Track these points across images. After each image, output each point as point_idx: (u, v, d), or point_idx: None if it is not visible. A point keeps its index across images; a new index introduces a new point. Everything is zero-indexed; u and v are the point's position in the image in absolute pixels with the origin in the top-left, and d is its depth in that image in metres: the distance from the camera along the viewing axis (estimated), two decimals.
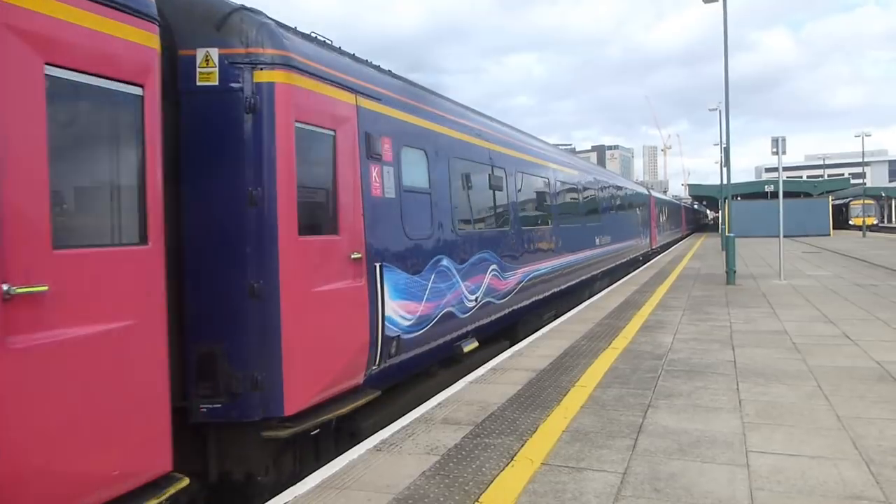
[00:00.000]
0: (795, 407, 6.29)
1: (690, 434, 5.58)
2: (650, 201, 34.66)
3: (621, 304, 14.16)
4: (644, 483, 4.58)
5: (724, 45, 22.08)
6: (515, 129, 13.57)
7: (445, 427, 5.98)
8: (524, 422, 6.05)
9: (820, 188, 56.87)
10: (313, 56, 5.95)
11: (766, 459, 4.96)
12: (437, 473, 4.87)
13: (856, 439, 5.35)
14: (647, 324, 11.45)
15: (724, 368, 7.92)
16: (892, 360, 8.09)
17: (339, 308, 6.01)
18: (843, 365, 7.95)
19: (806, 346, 9.09)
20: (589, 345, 9.63)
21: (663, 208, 43.30)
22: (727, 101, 22.65)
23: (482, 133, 10.45)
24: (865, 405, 6.29)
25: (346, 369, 6.14)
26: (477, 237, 9.65)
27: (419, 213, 7.77)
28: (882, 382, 7.09)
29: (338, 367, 6.00)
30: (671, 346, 9.41)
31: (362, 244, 6.36)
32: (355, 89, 6.49)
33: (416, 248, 7.57)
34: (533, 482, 4.66)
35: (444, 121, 8.95)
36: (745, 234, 43.14)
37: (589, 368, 8.08)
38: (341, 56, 6.72)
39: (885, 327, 10.44)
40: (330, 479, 4.85)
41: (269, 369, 5.29)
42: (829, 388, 6.93)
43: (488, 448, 5.38)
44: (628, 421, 5.98)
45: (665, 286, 17.75)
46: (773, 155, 18.41)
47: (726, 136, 24.65)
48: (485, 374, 8.04)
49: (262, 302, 5.27)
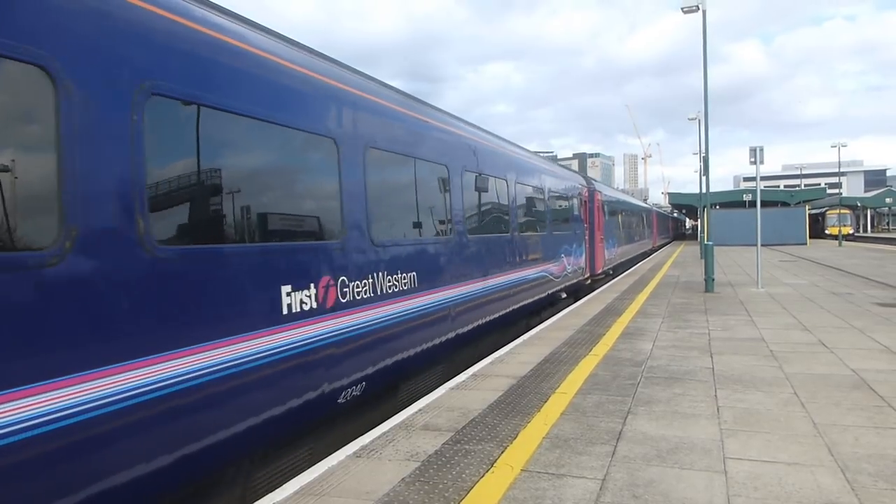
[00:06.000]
0: (772, 414, 6.35)
1: (669, 440, 5.61)
2: (590, 199, 21.74)
3: (602, 311, 14.23)
4: (623, 489, 4.59)
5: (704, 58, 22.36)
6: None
7: (426, 433, 5.96)
8: (505, 428, 6.05)
9: (797, 198, 57.69)
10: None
11: (744, 466, 5.00)
12: (417, 480, 4.85)
13: (831, 446, 5.41)
14: (628, 331, 11.52)
15: (702, 375, 7.99)
16: (867, 367, 8.21)
17: None
18: (820, 372, 8.04)
19: (783, 354, 9.19)
20: (569, 351, 9.67)
21: (617, 212, 29.49)
22: (706, 111, 22.90)
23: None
24: (841, 412, 6.37)
25: None
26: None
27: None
28: (857, 390, 7.18)
29: None
30: (651, 353, 9.47)
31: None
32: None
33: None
34: (513, 489, 4.65)
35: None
36: (724, 242, 43.74)
37: (569, 375, 8.10)
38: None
39: (861, 335, 10.59)
40: (309, 485, 4.81)
41: None
42: (806, 395, 7.01)
43: (469, 454, 5.37)
44: (608, 427, 6.00)
45: (645, 293, 17.88)
46: (751, 164, 18.64)
47: (705, 145, 24.93)
48: (466, 380, 8.04)
49: None
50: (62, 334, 3.65)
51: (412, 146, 8.47)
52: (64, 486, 3.64)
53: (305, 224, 6.19)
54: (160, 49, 4.55)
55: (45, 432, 3.50)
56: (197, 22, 4.97)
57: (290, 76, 6.04)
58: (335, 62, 7.23)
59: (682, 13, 22.70)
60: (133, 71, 4.25)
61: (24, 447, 3.40)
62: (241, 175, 5.32)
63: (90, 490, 3.77)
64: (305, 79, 6.29)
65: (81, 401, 3.70)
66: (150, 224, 4.26)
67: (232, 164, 5.23)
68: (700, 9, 22.35)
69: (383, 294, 7.21)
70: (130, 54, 4.26)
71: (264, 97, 5.58)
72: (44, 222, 3.67)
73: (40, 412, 3.48)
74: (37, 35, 3.61)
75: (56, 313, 3.63)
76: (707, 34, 22.35)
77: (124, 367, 3.98)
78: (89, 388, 3.75)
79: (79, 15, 3.91)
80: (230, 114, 5.12)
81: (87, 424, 3.73)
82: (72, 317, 3.71)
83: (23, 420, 3.40)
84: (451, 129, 10.18)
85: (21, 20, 3.55)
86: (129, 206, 4.14)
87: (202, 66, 4.93)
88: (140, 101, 4.26)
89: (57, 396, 3.56)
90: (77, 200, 3.78)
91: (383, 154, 7.58)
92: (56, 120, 3.70)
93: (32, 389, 3.45)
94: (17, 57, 3.50)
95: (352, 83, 7.19)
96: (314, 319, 5.88)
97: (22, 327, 3.46)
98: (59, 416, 3.58)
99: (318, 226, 6.32)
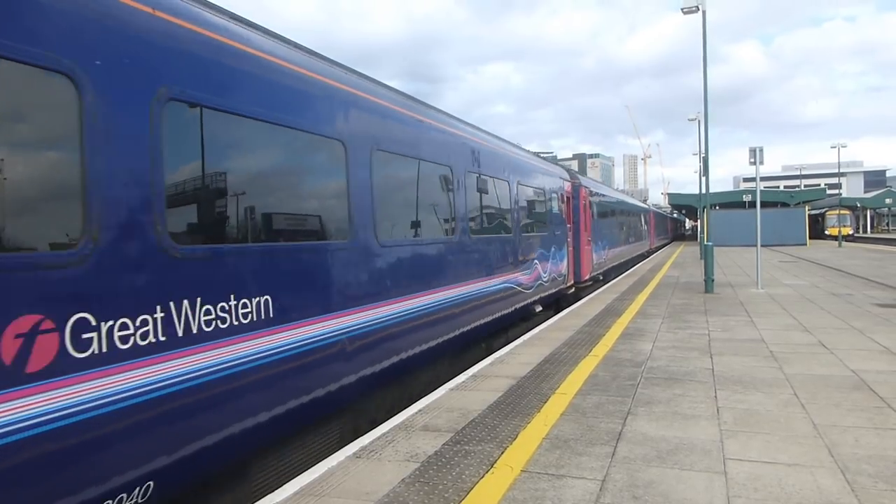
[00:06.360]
0: (772, 415, 6.35)
1: (669, 441, 5.61)
2: (574, 195, 19.30)
3: (601, 312, 14.23)
4: (623, 490, 4.59)
5: (703, 59, 22.35)
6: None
7: (426, 434, 5.96)
8: (504, 429, 6.05)
9: (797, 198, 57.67)
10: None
11: (744, 467, 5.00)
12: (417, 480, 4.85)
13: (831, 447, 5.41)
14: (627, 331, 11.51)
15: (702, 376, 7.98)
16: (867, 368, 8.21)
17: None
18: (819, 373, 8.04)
19: (783, 355, 9.19)
20: (569, 352, 9.66)
21: (608, 210, 26.61)
22: (706, 111, 22.90)
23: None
24: (841, 413, 6.36)
25: None
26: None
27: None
28: (857, 391, 7.18)
29: None
30: (650, 353, 9.47)
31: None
32: None
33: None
34: (513, 489, 4.65)
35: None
36: (724, 243, 43.71)
37: (569, 376, 8.10)
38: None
39: (861, 336, 10.59)
40: (309, 486, 4.81)
41: None
42: (806, 396, 7.01)
43: (468, 455, 5.37)
44: (608, 428, 6.00)
45: (645, 294, 17.88)
46: (751, 165, 18.64)
47: (705, 146, 24.92)
48: (465, 380, 8.04)
49: None
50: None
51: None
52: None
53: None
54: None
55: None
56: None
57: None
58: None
59: (681, 14, 22.70)
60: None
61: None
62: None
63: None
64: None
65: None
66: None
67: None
68: (700, 9, 22.35)
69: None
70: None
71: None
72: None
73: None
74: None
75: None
76: (707, 35, 22.35)
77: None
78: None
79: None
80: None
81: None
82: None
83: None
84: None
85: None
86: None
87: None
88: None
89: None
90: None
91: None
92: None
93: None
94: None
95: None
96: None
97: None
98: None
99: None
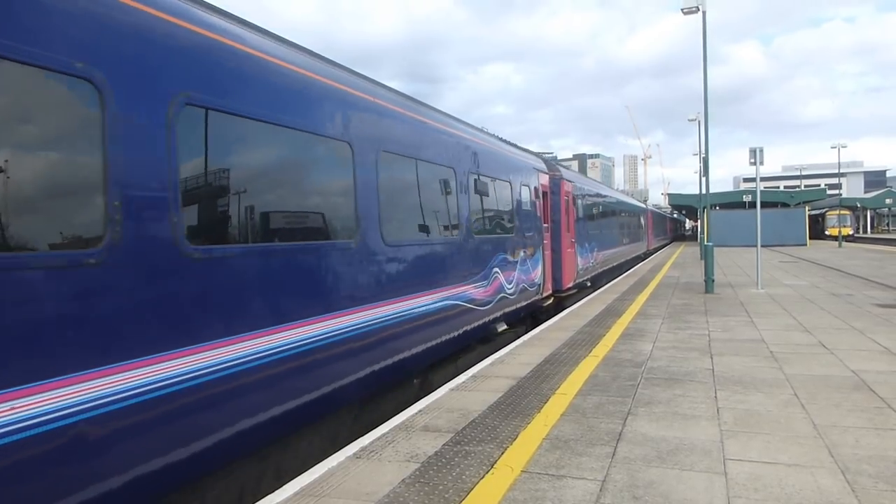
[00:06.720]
0: (772, 415, 6.35)
1: (669, 442, 5.61)
2: (554, 190, 16.73)
3: (602, 312, 14.23)
4: (623, 490, 4.59)
5: (704, 59, 22.36)
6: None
7: (426, 434, 5.96)
8: (505, 429, 6.05)
9: (797, 199, 57.68)
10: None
11: (744, 467, 5.00)
12: (417, 481, 4.85)
13: (832, 447, 5.41)
14: (628, 332, 11.51)
15: (702, 376, 7.98)
16: (867, 369, 8.21)
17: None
18: (820, 374, 8.04)
19: (783, 355, 9.19)
20: (570, 352, 9.66)
21: (597, 208, 23.65)
22: (706, 112, 22.91)
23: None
24: (841, 413, 6.36)
25: None
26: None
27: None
28: (857, 391, 7.18)
29: None
30: (651, 354, 9.46)
31: None
32: None
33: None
34: (513, 490, 4.65)
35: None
36: (724, 243, 43.70)
37: (569, 376, 8.10)
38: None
39: (861, 336, 10.59)
40: (309, 486, 4.81)
41: None
42: (806, 396, 7.01)
43: (469, 455, 5.37)
44: (608, 428, 6.00)
45: (645, 294, 17.88)
46: (751, 165, 18.64)
47: (705, 146, 24.92)
48: (466, 381, 8.04)
49: None
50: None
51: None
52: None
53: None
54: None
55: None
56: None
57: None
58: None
59: (681, 14, 22.72)
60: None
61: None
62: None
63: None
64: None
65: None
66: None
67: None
68: (700, 10, 22.36)
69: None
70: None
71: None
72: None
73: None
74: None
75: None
76: (707, 35, 22.36)
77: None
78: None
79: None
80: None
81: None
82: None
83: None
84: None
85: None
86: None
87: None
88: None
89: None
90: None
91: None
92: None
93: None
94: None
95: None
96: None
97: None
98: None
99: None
